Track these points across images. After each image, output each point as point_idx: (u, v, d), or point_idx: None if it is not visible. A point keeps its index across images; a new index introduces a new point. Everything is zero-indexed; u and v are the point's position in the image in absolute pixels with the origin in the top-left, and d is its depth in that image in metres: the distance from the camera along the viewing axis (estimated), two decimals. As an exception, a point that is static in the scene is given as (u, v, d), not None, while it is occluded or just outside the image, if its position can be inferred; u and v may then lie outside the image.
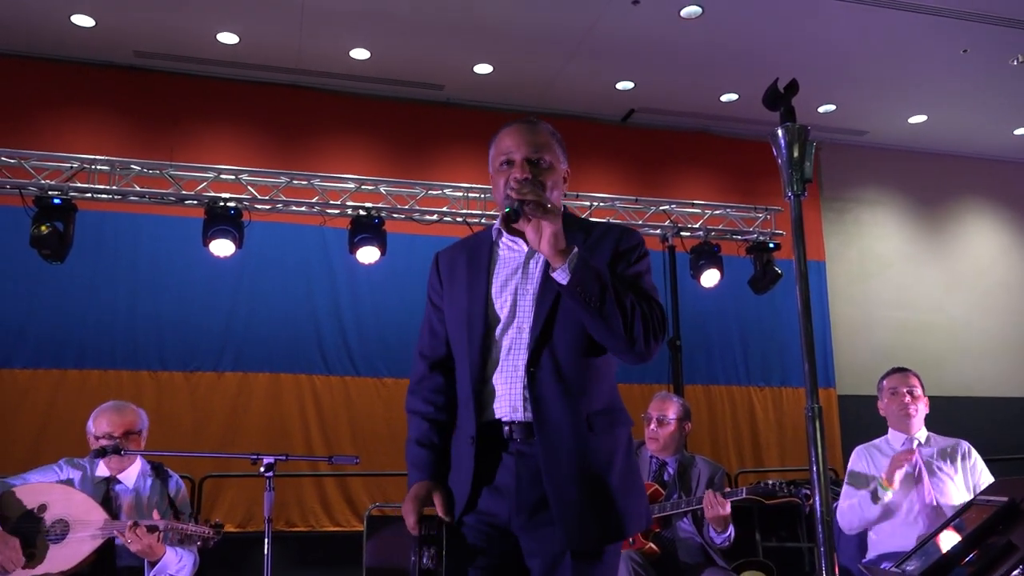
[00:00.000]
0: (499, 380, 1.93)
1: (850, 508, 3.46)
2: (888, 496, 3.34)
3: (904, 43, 6.64)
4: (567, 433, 1.89)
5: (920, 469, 3.44)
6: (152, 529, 3.13)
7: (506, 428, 1.91)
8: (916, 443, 3.55)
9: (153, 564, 3.18)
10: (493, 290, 2.00)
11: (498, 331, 1.96)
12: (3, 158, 5.44)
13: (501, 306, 1.98)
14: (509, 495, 1.89)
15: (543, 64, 6.92)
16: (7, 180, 5.42)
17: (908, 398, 3.56)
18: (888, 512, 3.40)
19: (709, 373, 7.56)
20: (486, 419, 1.93)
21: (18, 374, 6.06)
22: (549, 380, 1.90)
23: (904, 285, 8.49)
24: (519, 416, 1.91)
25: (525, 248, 2.02)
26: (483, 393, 1.94)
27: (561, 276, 1.84)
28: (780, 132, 1.71)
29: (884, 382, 3.68)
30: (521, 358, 1.92)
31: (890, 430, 3.65)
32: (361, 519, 6.02)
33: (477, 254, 2.07)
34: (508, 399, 1.91)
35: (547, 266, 1.92)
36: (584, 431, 1.91)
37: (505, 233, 2.02)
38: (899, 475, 3.33)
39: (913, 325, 8.34)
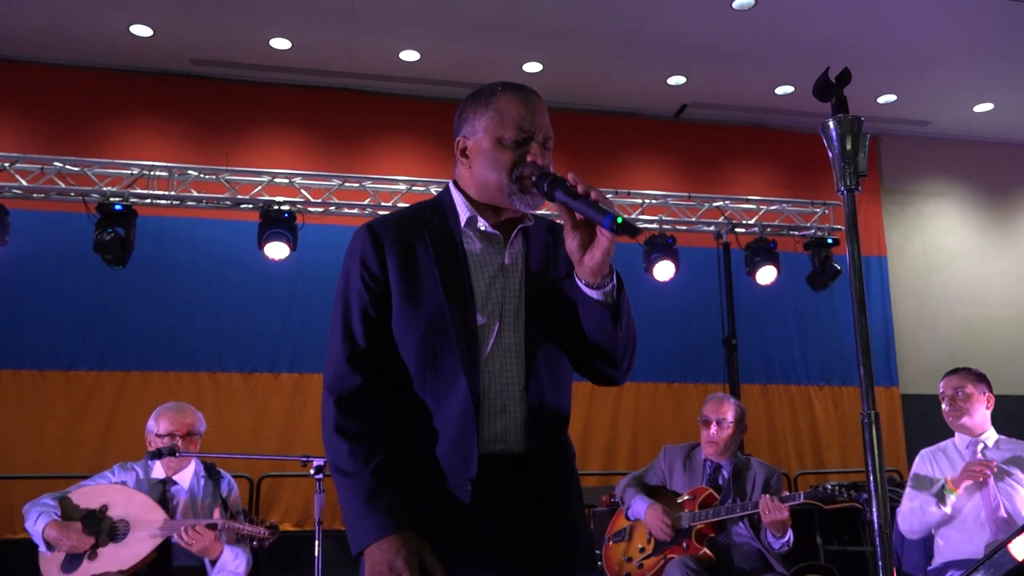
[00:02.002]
0: (493, 401, 1.66)
1: (911, 511, 3.34)
2: (952, 499, 3.21)
3: (968, 28, 6.39)
4: (560, 455, 1.74)
5: (987, 473, 3.30)
6: (211, 527, 3.18)
7: (501, 460, 1.65)
8: (981, 446, 3.40)
9: (213, 563, 3.24)
10: (479, 297, 1.69)
11: (488, 346, 1.67)
12: (67, 166, 5.61)
13: (488, 314, 1.69)
14: (497, 541, 1.64)
15: (593, 61, 6.85)
16: (71, 188, 5.59)
17: (956, 402, 3.43)
18: (950, 517, 3.27)
19: (767, 372, 7.39)
20: (482, 451, 1.63)
21: (84, 376, 6.24)
22: (543, 404, 1.69)
23: (970, 279, 8.19)
24: (516, 445, 1.66)
25: (503, 248, 1.75)
26: (479, 420, 1.64)
27: (599, 295, 1.62)
28: (832, 124, 1.64)
29: (941, 384, 3.55)
30: (515, 376, 1.67)
31: (956, 433, 3.51)
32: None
33: (445, 245, 1.71)
34: (506, 423, 1.66)
35: (531, 273, 1.72)
36: (570, 456, 1.78)
37: (483, 222, 1.73)
38: (968, 482, 3.20)
39: (981, 320, 8.05)
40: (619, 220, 1.49)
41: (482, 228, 1.74)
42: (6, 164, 5.49)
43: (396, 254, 1.70)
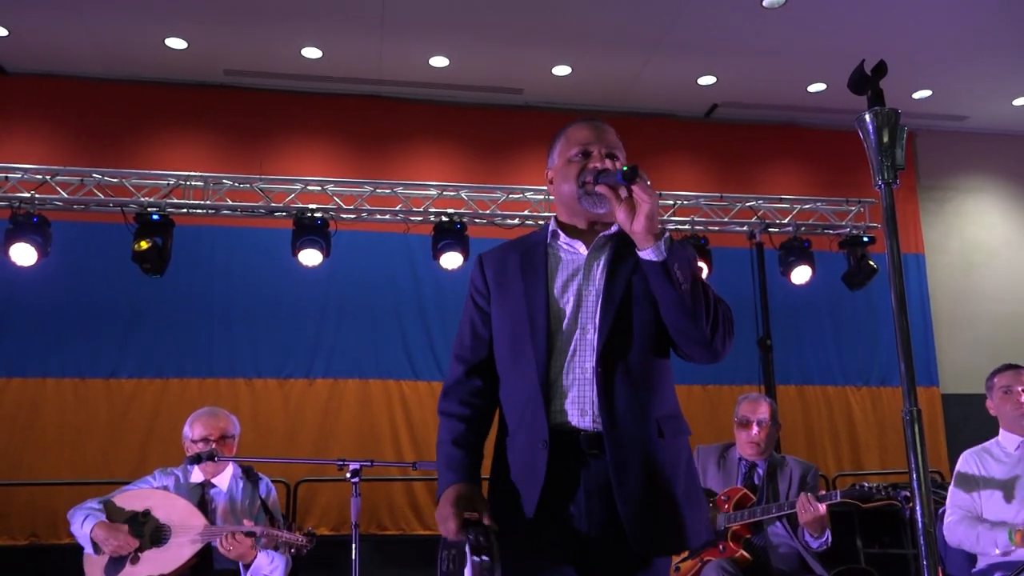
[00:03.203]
0: (567, 383, 1.88)
1: (964, 535, 3.20)
2: (1012, 549, 3.09)
3: (1005, 20, 6.27)
4: (637, 437, 1.85)
5: None
6: (248, 535, 3.22)
7: (573, 435, 1.86)
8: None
9: (247, 567, 3.28)
10: (554, 290, 1.96)
11: (562, 332, 1.92)
12: (106, 178, 5.71)
13: (563, 306, 1.94)
14: (577, 511, 1.84)
15: (623, 63, 6.83)
16: (110, 199, 5.69)
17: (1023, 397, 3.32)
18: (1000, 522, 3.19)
19: (803, 373, 7.30)
20: (553, 422, 1.86)
21: (124, 383, 6.35)
22: (618, 382, 1.87)
23: (1012, 276, 8.01)
24: (587, 422, 1.86)
25: (584, 251, 2.01)
26: (550, 396, 1.88)
27: (653, 254, 1.81)
28: (868, 117, 1.62)
29: (995, 379, 3.45)
30: (589, 360, 1.88)
31: (1002, 432, 3.42)
32: (450, 523, 6.06)
33: (531, 255, 2.04)
34: (577, 403, 1.87)
35: (613, 266, 1.93)
36: (654, 436, 1.88)
37: (563, 234, 2.02)
38: None
39: (1023, 318, 7.87)
40: (624, 169, 1.78)
41: (562, 240, 2.04)
42: (47, 177, 5.61)
43: (493, 269, 2.07)
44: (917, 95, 7.36)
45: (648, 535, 1.82)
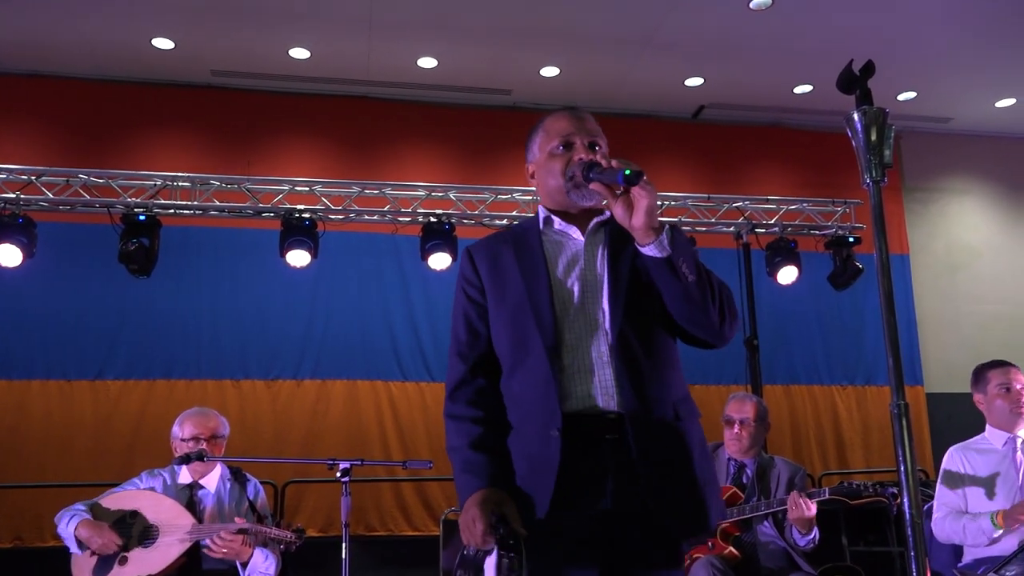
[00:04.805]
0: (584, 368, 1.82)
1: (952, 530, 3.23)
2: (997, 533, 3.12)
3: (988, 23, 6.34)
4: (658, 420, 1.82)
5: (1021, 469, 3.25)
6: (240, 532, 3.21)
7: (595, 419, 1.80)
8: (1020, 441, 3.34)
9: (244, 565, 3.27)
10: (555, 276, 1.90)
11: (568, 318, 1.86)
12: (92, 179, 5.68)
13: (567, 292, 1.88)
14: (603, 495, 1.78)
15: (610, 64, 6.86)
16: (96, 199, 5.66)
17: (1023, 396, 3.34)
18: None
19: (789, 373, 7.35)
20: (570, 409, 1.80)
21: (111, 385, 6.31)
22: (636, 366, 1.82)
23: (995, 277, 8.10)
24: (612, 405, 1.80)
25: (580, 237, 1.96)
26: (564, 383, 1.82)
27: (656, 250, 1.77)
28: (856, 115, 1.64)
29: (988, 374, 3.43)
30: (602, 344, 1.83)
31: (988, 427, 3.44)
32: (438, 523, 6.07)
33: (525, 243, 1.97)
34: (600, 386, 1.81)
35: (613, 251, 1.90)
36: (672, 419, 1.85)
37: (557, 220, 1.98)
38: (1018, 526, 3.05)
39: (1006, 318, 7.95)
40: (627, 172, 1.71)
41: (557, 226, 1.99)
42: (32, 177, 5.57)
43: (486, 262, 1.99)
44: (902, 97, 7.43)
45: (675, 518, 1.79)
